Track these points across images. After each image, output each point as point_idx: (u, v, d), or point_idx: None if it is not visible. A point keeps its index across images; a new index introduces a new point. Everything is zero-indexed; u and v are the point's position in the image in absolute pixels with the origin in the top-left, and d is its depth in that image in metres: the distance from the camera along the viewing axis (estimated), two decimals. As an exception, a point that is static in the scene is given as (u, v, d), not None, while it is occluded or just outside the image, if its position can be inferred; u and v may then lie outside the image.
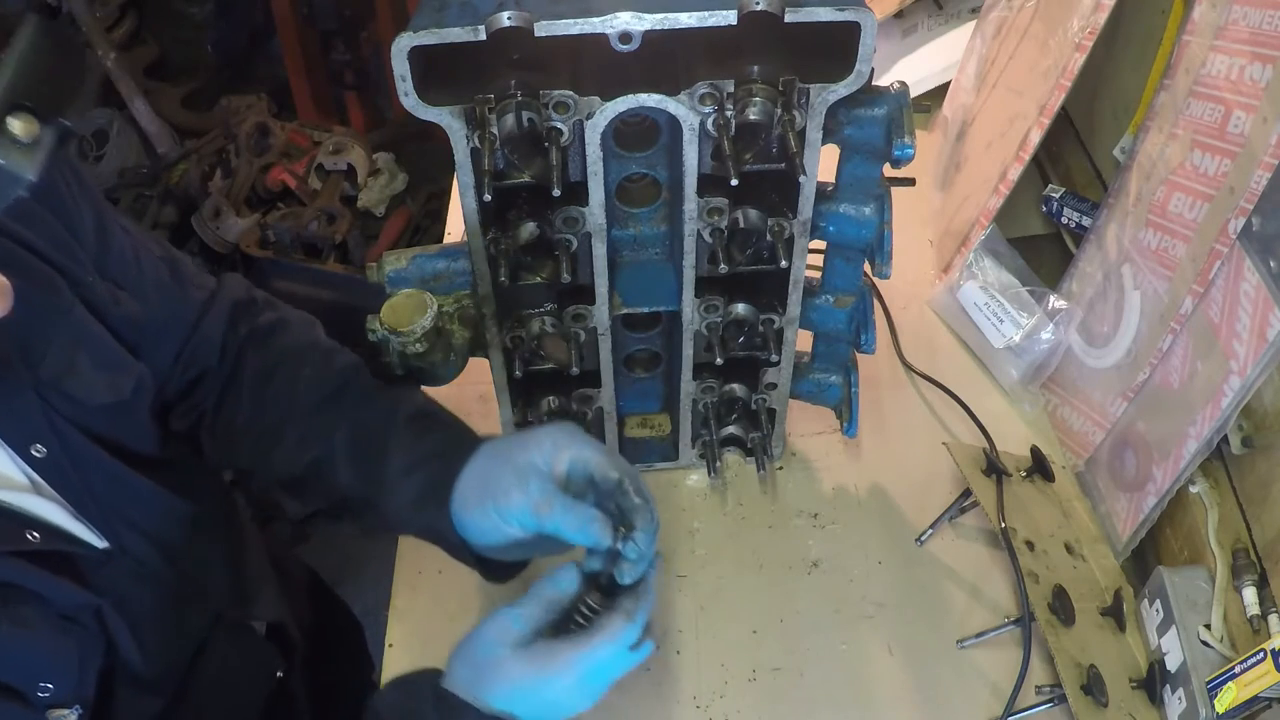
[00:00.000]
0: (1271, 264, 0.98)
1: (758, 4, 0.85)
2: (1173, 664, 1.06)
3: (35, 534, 0.86)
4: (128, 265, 0.98)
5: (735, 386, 1.25)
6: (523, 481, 0.89)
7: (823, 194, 1.06)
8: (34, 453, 0.87)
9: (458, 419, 1.04)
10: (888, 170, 1.04)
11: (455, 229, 1.67)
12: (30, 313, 0.81)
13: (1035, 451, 1.29)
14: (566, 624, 0.86)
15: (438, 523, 0.94)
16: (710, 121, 0.94)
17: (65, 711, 0.86)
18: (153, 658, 0.96)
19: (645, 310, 1.14)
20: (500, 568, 0.99)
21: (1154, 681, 1.08)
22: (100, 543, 0.93)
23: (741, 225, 1.05)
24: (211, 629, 1.06)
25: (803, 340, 1.20)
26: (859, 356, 1.23)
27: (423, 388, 1.09)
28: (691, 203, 1.01)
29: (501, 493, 0.89)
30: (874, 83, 0.95)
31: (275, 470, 1.04)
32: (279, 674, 1.16)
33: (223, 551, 1.11)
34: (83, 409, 0.90)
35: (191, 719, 1.02)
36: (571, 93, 0.92)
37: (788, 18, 0.86)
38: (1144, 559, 1.23)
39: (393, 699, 0.87)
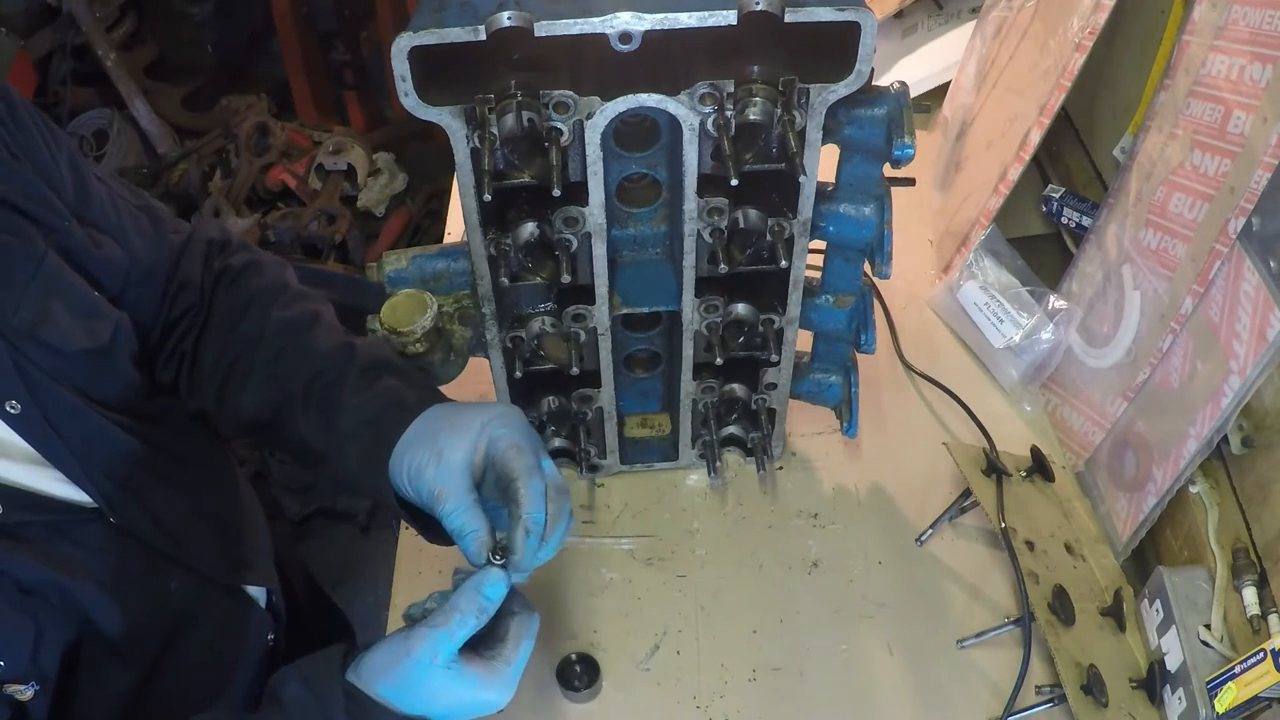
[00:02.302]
0: (1271, 264, 0.98)
1: (758, 4, 0.85)
2: (1173, 664, 1.06)
3: None
4: (107, 213, 0.99)
5: (735, 386, 1.25)
6: (436, 461, 0.89)
7: (823, 194, 1.06)
8: (8, 409, 0.86)
9: (409, 367, 1.03)
10: (888, 170, 1.04)
11: (455, 229, 1.67)
12: (1, 262, 0.83)
13: (1035, 451, 1.29)
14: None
15: (379, 480, 0.94)
16: (710, 121, 0.94)
17: (21, 687, 0.84)
18: (131, 625, 0.93)
19: (645, 310, 1.14)
20: (442, 533, 0.98)
21: (1154, 681, 1.08)
22: (83, 500, 0.92)
23: (741, 225, 1.05)
24: (199, 596, 1.03)
25: (803, 340, 1.20)
26: (859, 356, 1.23)
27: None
28: (691, 203, 1.01)
29: (417, 468, 0.90)
30: (874, 83, 0.95)
31: (245, 413, 1.04)
32: (270, 637, 1.12)
33: (213, 512, 1.08)
34: (61, 358, 0.90)
35: (171, 691, 0.98)
36: (571, 93, 0.92)
37: (788, 18, 0.86)
38: (1144, 559, 1.23)
39: (298, 694, 0.83)
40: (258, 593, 1.12)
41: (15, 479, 0.89)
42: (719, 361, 1.13)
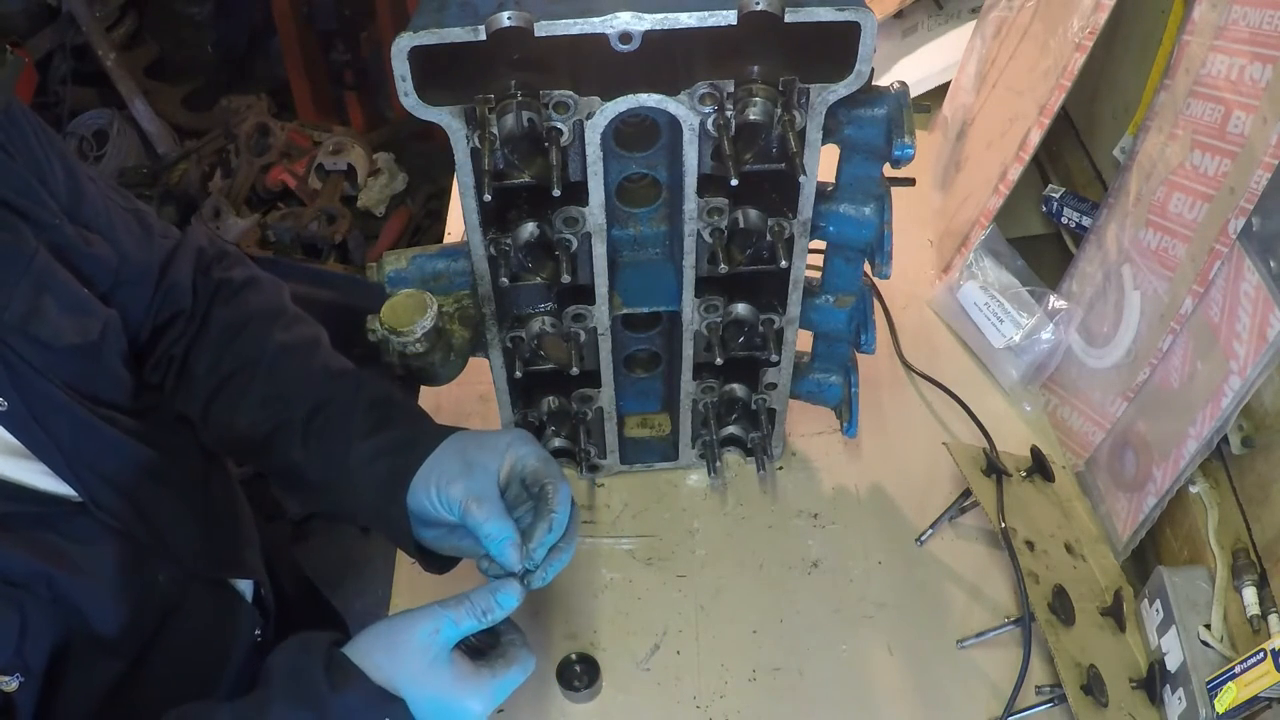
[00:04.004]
0: (1271, 264, 0.98)
1: (758, 4, 0.85)
2: (1173, 664, 1.06)
3: None
4: (99, 211, 1.01)
5: (735, 386, 1.25)
6: (468, 473, 0.93)
7: (823, 194, 1.06)
8: None
9: (415, 404, 1.07)
10: (888, 170, 1.04)
11: (455, 229, 1.67)
12: None
13: (1035, 451, 1.29)
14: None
15: (392, 509, 0.97)
16: (710, 121, 0.94)
17: (6, 679, 0.85)
18: (119, 617, 0.95)
19: (645, 310, 1.14)
20: (438, 559, 1.02)
21: (1154, 681, 1.08)
22: (68, 494, 0.93)
23: (741, 225, 1.05)
24: (185, 588, 1.04)
25: (803, 340, 1.20)
26: (859, 356, 1.23)
27: (422, 387, 1.09)
28: (691, 203, 1.01)
29: (447, 479, 0.94)
30: (874, 83, 0.95)
31: (238, 430, 1.05)
32: (257, 633, 1.14)
33: (198, 507, 1.09)
34: (50, 354, 0.91)
35: (157, 681, 0.99)
36: (571, 93, 0.92)
37: (788, 18, 0.86)
38: (1144, 559, 1.23)
39: (284, 656, 0.86)
40: (245, 586, 1.12)
41: (3, 472, 0.89)
42: (719, 361, 1.13)
